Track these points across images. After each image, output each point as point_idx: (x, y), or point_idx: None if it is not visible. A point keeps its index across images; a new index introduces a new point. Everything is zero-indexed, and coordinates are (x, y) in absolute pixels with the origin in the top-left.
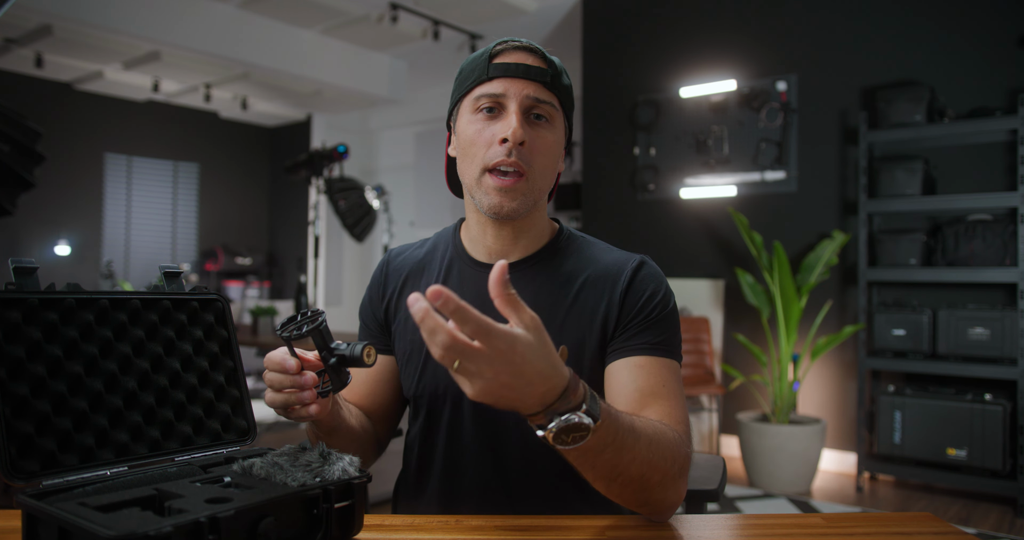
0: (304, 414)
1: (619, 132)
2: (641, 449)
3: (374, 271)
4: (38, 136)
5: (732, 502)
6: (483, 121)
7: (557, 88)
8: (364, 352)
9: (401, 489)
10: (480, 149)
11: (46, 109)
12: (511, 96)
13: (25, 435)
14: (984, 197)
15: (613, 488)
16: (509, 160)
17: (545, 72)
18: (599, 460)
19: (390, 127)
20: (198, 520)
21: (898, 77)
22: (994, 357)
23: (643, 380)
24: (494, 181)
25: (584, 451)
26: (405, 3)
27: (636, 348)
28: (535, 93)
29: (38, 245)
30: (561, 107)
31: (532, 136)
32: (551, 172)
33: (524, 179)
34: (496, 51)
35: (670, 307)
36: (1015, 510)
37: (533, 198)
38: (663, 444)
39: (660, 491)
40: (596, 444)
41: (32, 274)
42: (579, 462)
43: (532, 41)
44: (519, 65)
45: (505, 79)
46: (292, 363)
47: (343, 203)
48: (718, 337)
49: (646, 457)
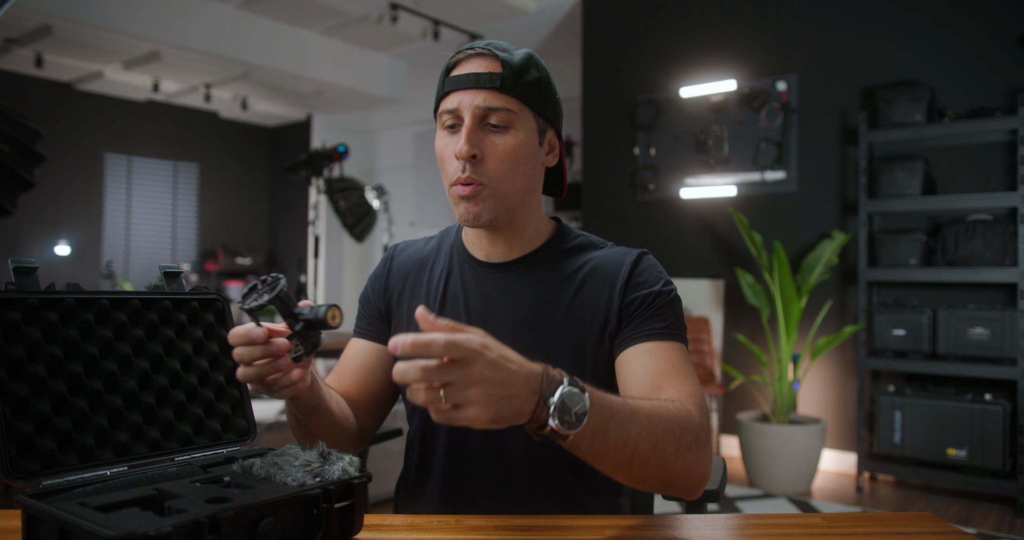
0: (286, 382)
1: (619, 132)
2: (642, 421)
3: (378, 263)
4: (38, 136)
5: (732, 502)
6: (447, 137)
7: (515, 89)
8: (328, 314)
9: (402, 488)
10: (447, 164)
11: (46, 109)
12: (464, 108)
13: (25, 435)
14: (984, 197)
15: (634, 470)
16: (463, 175)
17: (496, 76)
18: (608, 441)
19: (390, 127)
20: (198, 520)
21: (898, 77)
22: (994, 357)
23: (653, 364)
24: (457, 190)
25: (593, 432)
26: (405, 3)
27: (644, 335)
28: (486, 102)
29: (38, 245)
30: (527, 104)
31: (487, 145)
32: (515, 176)
33: (485, 187)
34: (452, 62)
35: (672, 294)
36: (1015, 510)
37: (505, 204)
38: (664, 415)
39: (680, 464)
40: (598, 419)
41: (32, 274)
42: (592, 450)
43: (494, 42)
44: (468, 75)
45: (457, 92)
46: (259, 332)
47: (343, 203)
48: (718, 337)
49: (651, 429)
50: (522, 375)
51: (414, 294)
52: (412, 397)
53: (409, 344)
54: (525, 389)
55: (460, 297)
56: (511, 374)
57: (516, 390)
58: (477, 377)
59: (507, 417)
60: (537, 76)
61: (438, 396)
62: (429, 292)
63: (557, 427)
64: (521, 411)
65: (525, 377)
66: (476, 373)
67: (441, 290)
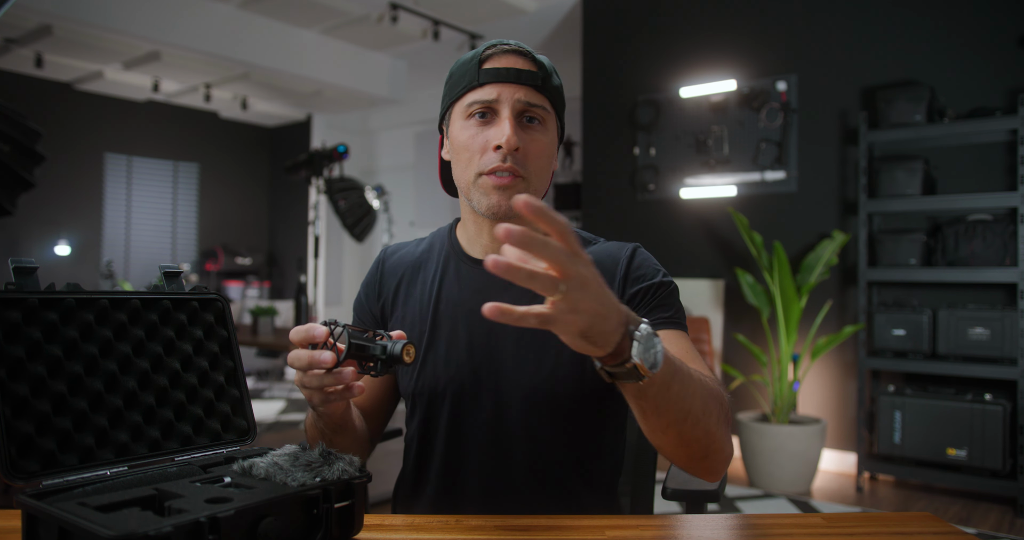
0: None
1: (619, 132)
2: (696, 383)
3: (370, 268)
4: (38, 136)
5: (732, 502)
6: (476, 127)
7: (548, 90)
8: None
9: (401, 489)
10: (475, 155)
11: (46, 109)
12: (503, 101)
13: (25, 435)
14: (984, 197)
15: (686, 430)
16: (504, 165)
17: (535, 75)
18: (671, 394)
19: (390, 127)
20: (198, 520)
21: (898, 77)
22: (994, 357)
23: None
24: (492, 180)
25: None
26: (405, 3)
27: (653, 325)
28: (527, 97)
29: (38, 245)
30: (553, 108)
31: (526, 140)
32: (546, 173)
33: (522, 180)
34: (486, 55)
35: (672, 285)
36: (1015, 510)
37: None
38: (709, 385)
39: (720, 434)
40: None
41: (32, 274)
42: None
43: (521, 43)
44: (510, 70)
45: (496, 84)
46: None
47: (343, 203)
48: (718, 337)
49: (703, 393)
50: (615, 302)
51: (408, 296)
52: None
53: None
54: (616, 315)
55: (455, 297)
56: (610, 295)
57: (610, 312)
58: (592, 282)
59: (596, 337)
60: (559, 83)
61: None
62: (423, 293)
63: (640, 363)
64: (608, 338)
65: (616, 306)
66: (592, 277)
67: (436, 291)
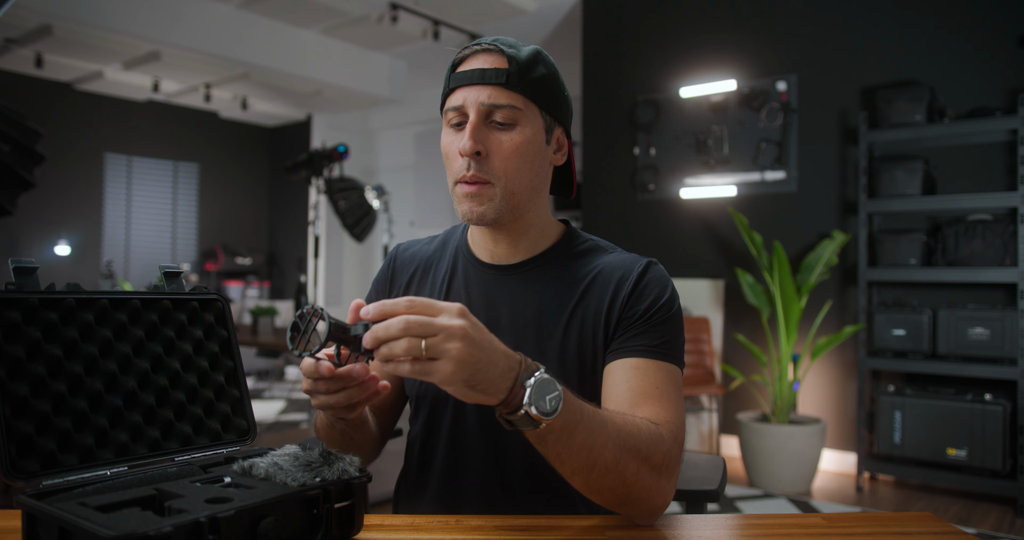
0: (375, 398)
1: (619, 132)
2: (611, 432)
3: (381, 265)
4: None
5: (732, 502)
6: (453, 134)
7: (521, 85)
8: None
9: (402, 489)
10: (452, 162)
11: (46, 109)
12: (469, 105)
13: (25, 435)
14: (984, 197)
15: (592, 480)
16: (468, 174)
17: (501, 72)
18: (574, 443)
19: (390, 127)
20: (198, 520)
21: (898, 77)
22: (994, 357)
23: (636, 381)
24: (463, 188)
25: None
26: (405, 3)
27: (633, 350)
28: (491, 98)
29: (38, 245)
30: (534, 101)
31: (492, 142)
32: (525, 173)
33: (489, 186)
34: (458, 59)
35: (673, 311)
36: (1015, 510)
37: (510, 203)
38: (635, 434)
39: (639, 487)
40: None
41: (32, 274)
42: (557, 449)
43: (502, 38)
44: (474, 71)
45: (463, 89)
46: (325, 366)
47: (343, 203)
48: (718, 337)
49: (617, 442)
50: (501, 349)
51: (418, 294)
52: (391, 349)
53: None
54: (503, 362)
55: (464, 299)
56: (492, 342)
57: (495, 359)
58: (461, 333)
59: (482, 385)
60: (545, 73)
61: (419, 345)
62: (432, 293)
63: (530, 412)
64: (497, 385)
65: (504, 352)
66: (460, 329)
67: (444, 291)
